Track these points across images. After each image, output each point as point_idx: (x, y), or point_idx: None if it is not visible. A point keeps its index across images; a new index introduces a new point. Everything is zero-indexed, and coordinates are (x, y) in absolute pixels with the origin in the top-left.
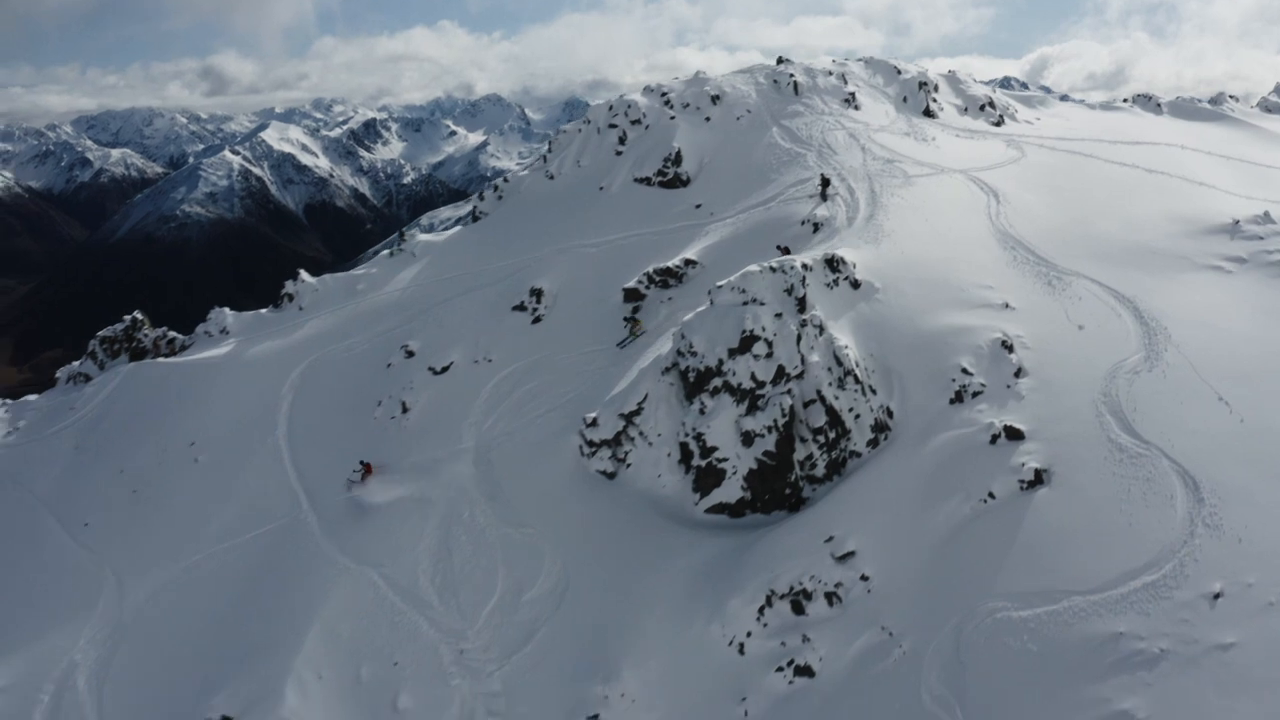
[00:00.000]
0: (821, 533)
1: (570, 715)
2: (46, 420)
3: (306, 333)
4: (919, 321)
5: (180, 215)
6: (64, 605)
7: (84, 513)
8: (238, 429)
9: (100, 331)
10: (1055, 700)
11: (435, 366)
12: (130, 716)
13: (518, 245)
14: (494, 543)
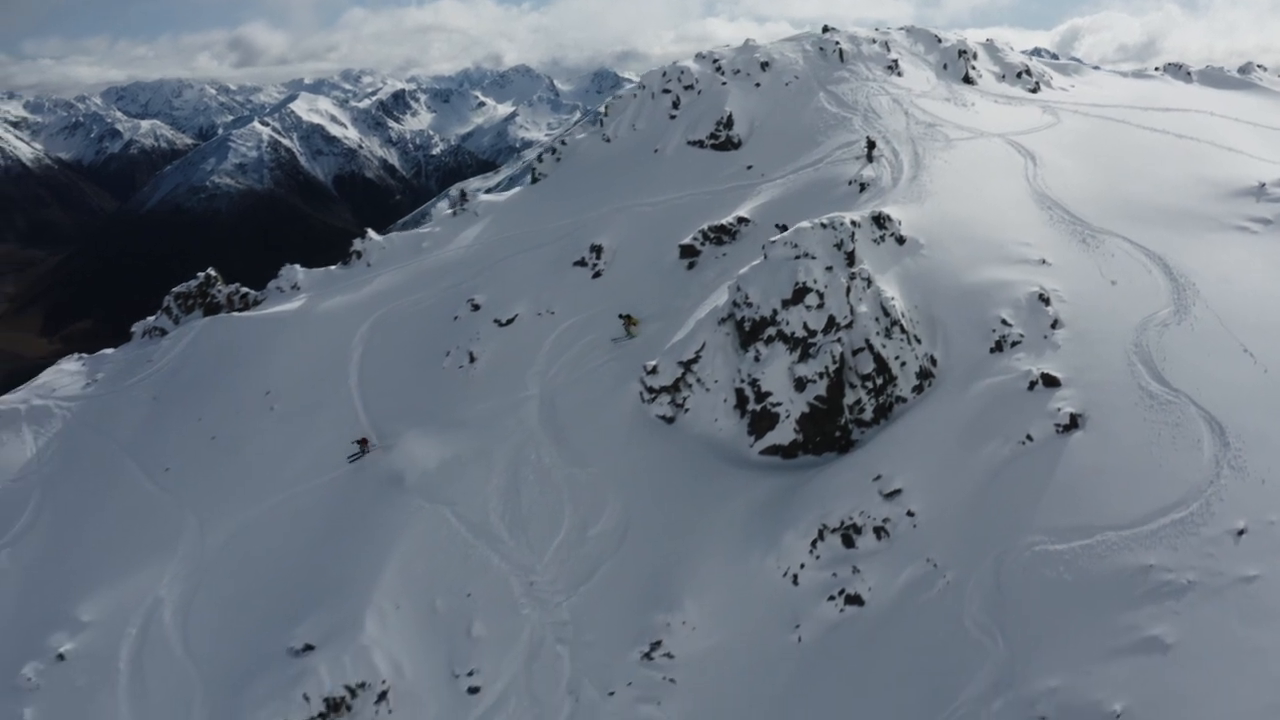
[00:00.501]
0: (870, 472)
1: (634, 642)
2: (124, 373)
3: (375, 288)
4: (961, 275)
5: (210, 186)
6: (148, 545)
7: (164, 459)
8: (311, 379)
9: (175, 288)
10: (1089, 627)
11: (500, 319)
12: (215, 648)
13: (576, 204)
14: (560, 483)
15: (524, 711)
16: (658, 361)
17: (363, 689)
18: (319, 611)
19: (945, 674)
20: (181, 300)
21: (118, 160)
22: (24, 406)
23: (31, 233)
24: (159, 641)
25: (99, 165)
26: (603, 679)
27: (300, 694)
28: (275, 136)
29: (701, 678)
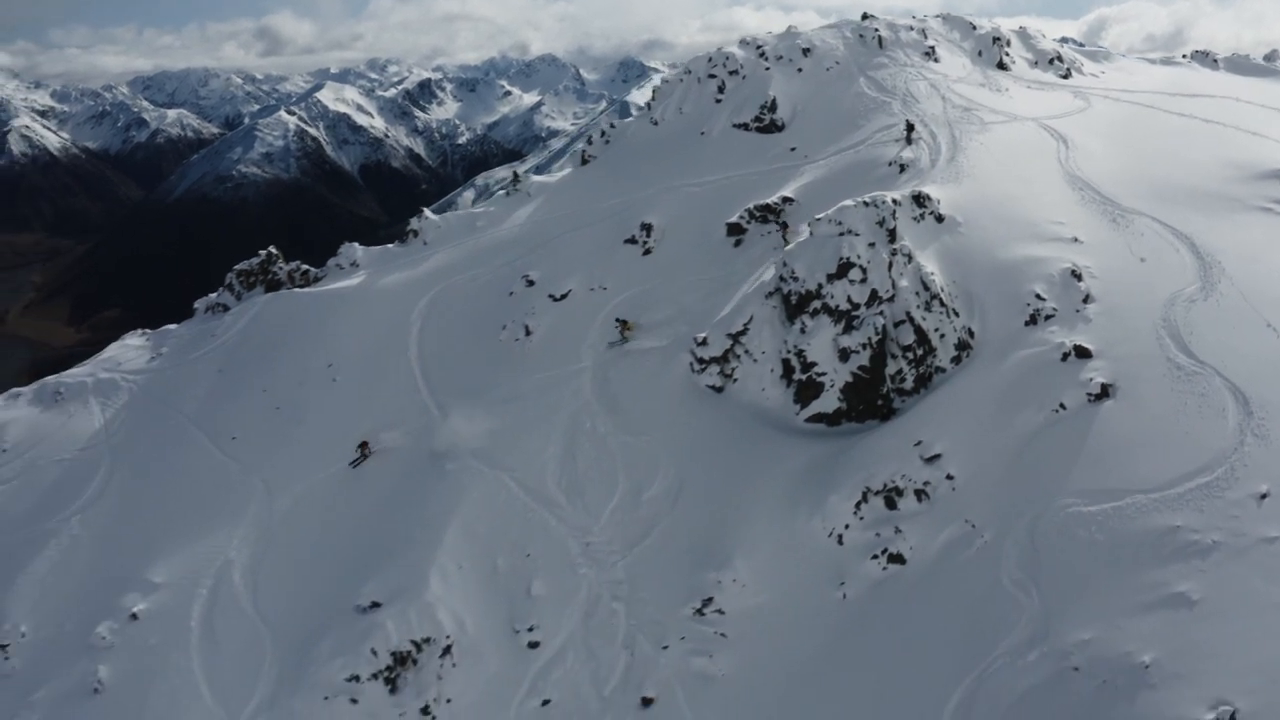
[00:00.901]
0: (911, 438)
1: (687, 599)
2: (188, 347)
3: (432, 265)
4: (997, 252)
5: (236, 175)
6: (216, 510)
7: (230, 428)
8: (371, 352)
9: (237, 265)
10: (1119, 583)
11: (554, 294)
12: (284, 606)
13: (626, 185)
14: (614, 449)
15: (582, 665)
16: (707, 334)
17: (428, 644)
18: (384, 571)
19: (983, 628)
20: (243, 277)
21: (144, 149)
22: (90, 380)
23: (59, 222)
24: (229, 601)
25: (126, 154)
26: (657, 634)
27: (368, 648)
28: (302, 126)
29: (751, 632)
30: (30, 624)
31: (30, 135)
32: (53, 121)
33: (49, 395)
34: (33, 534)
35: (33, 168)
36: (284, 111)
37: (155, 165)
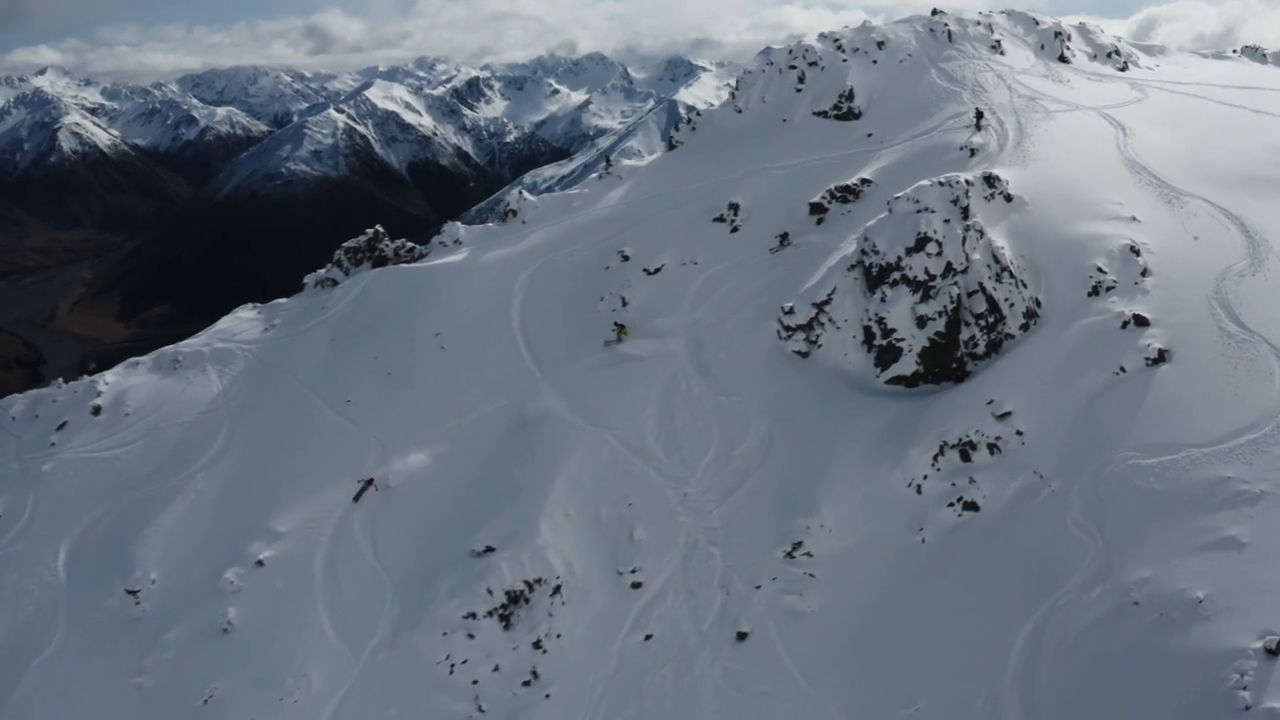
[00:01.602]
0: (983, 397)
1: (778, 543)
2: (300, 319)
3: (531, 242)
4: (1061, 229)
5: (285, 173)
6: (334, 465)
7: (344, 392)
8: (477, 322)
9: (345, 243)
10: (1175, 528)
11: (648, 268)
12: (402, 553)
13: (712, 168)
14: (708, 409)
15: (681, 604)
16: (794, 304)
17: (539, 584)
18: (497, 519)
19: (1051, 568)
20: (351, 254)
21: (193, 147)
22: (207, 349)
23: (108, 219)
24: (350, 548)
25: (175, 152)
26: (750, 575)
27: (485, 588)
28: (350, 124)
29: (838, 573)
30: (160, 572)
31: (80, 132)
32: (103, 119)
33: (167, 363)
34: (160, 490)
35: (83, 165)
36: (333, 109)
37: (204, 163)
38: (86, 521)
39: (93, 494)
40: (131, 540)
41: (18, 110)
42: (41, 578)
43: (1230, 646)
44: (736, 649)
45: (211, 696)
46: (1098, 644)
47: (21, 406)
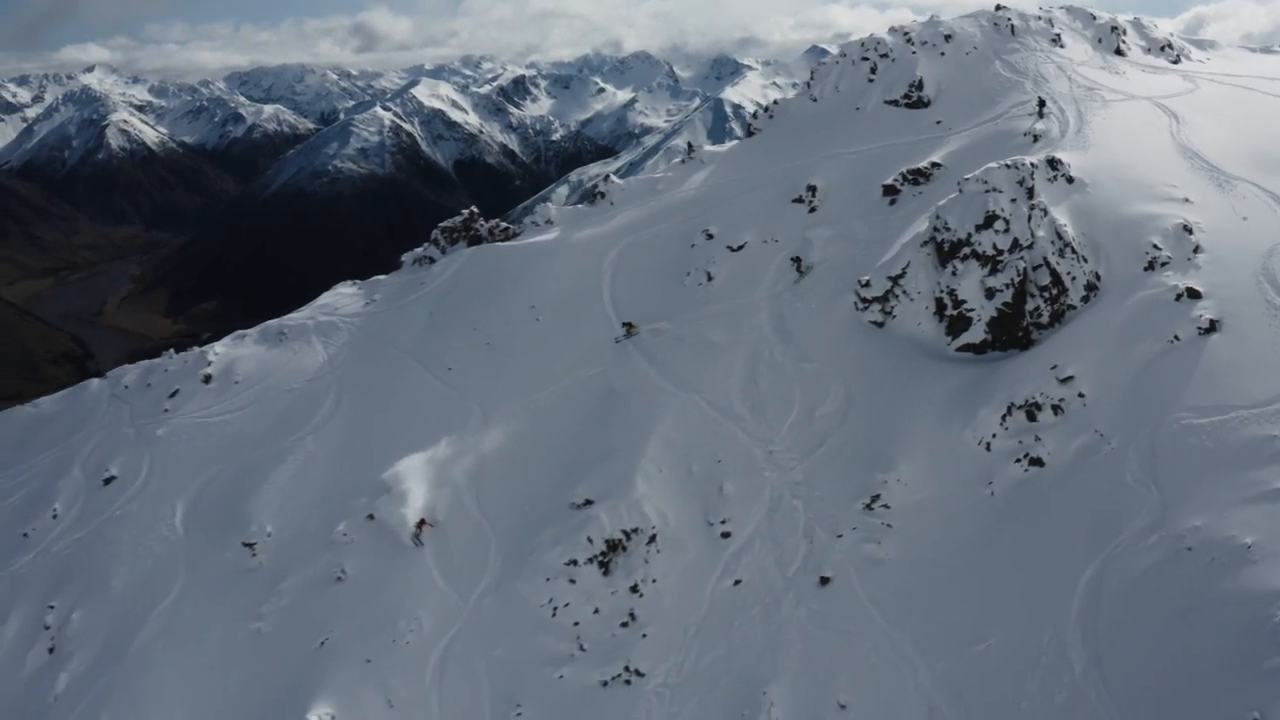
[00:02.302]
0: (1048, 362)
1: (857, 496)
2: (399, 294)
3: (618, 222)
4: (1119, 209)
5: (332, 170)
6: (437, 427)
7: (445, 361)
8: (569, 296)
9: (441, 223)
10: (1224, 481)
11: (732, 245)
12: (505, 506)
13: (790, 153)
14: (790, 375)
15: (768, 552)
16: (870, 277)
17: (636, 533)
18: (594, 474)
19: (1110, 518)
20: (447, 233)
21: (240, 144)
22: (311, 322)
23: (156, 215)
24: (456, 503)
25: (222, 149)
26: (832, 525)
27: (585, 537)
28: (397, 121)
29: (913, 523)
30: (275, 526)
31: (128, 130)
32: (150, 116)
33: (273, 335)
34: (272, 451)
35: (130, 162)
36: (379, 107)
37: (251, 160)
38: (201, 481)
39: (206, 456)
40: (246, 497)
41: (66, 107)
42: (159, 533)
43: (1276, 588)
44: (820, 592)
45: (328, 639)
46: (1153, 586)
47: (134, 376)
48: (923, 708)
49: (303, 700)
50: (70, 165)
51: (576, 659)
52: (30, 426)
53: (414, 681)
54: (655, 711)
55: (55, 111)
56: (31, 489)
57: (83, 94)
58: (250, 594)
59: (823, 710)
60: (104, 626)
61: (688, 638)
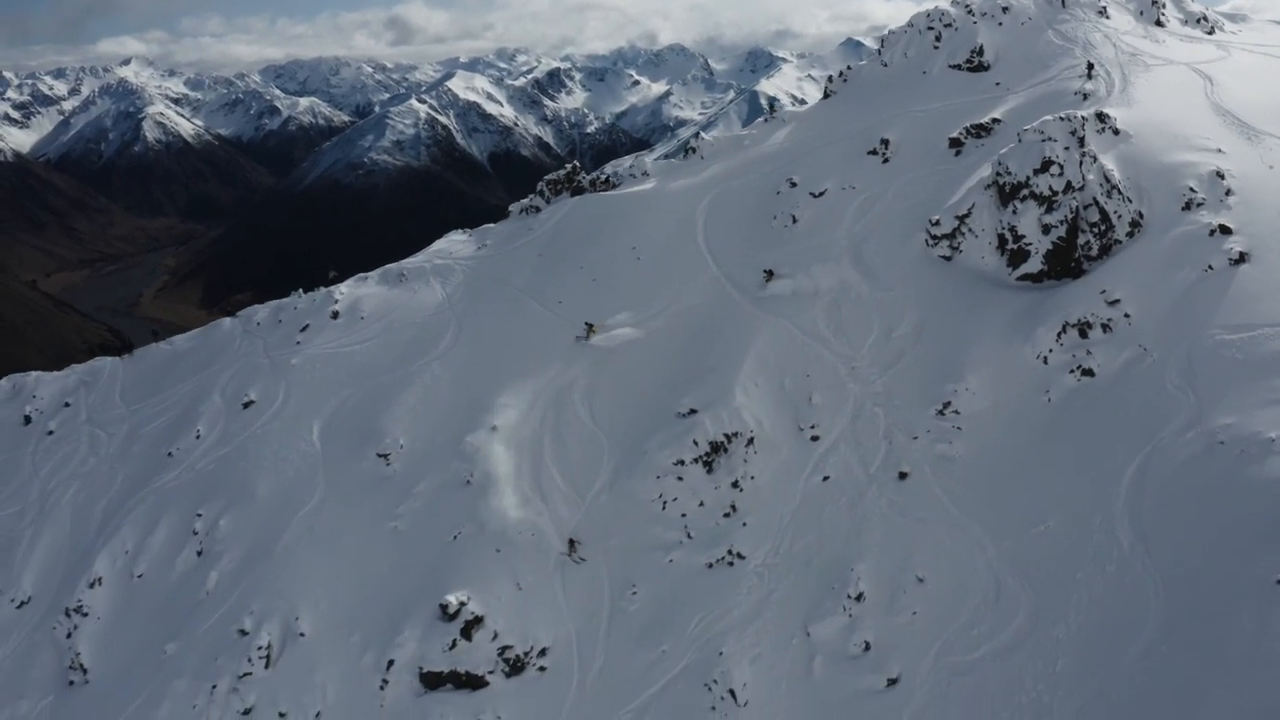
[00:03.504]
0: (1097, 288)
1: (931, 403)
2: (509, 239)
3: (708, 174)
4: (1160, 157)
5: (368, 163)
6: (551, 353)
7: (556, 296)
8: (666, 238)
9: (546, 176)
10: (1251, 387)
11: (814, 191)
12: (616, 417)
13: (863, 112)
14: (870, 303)
15: (852, 452)
16: (940, 217)
17: (736, 437)
18: (697, 388)
19: (1152, 418)
20: (552, 185)
21: (276, 137)
22: (428, 265)
23: (192, 207)
24: (571, 415)
25: (258, 142)
26: (908, 428)
27: (691, 440)
28: (432, 114)
29: (980, 426)
30: (406, 439)
31: (164, 122)
32: (186, 109)
33: (393, 277)
34: (400, 375)
35: (166, 154)
36: (415, 100)
37: (287, 152)
38: (335, 403)
39: (338, 381)
40: (379, 415)
41: (103, 100)
42: (298, 448)
43: None
44: (899, 486)
45: (460, 534)
46: (1190, 474)
47: (265, 314)
48: (990, 580)
49: (440, 586)
50: (106, 157)
51: (684, 545)
52: (168, 361)
53: (539, 568)
54: (756, 588)
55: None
56: (174, 415)
57: (119, 87)
58: (386, 498)
59: (903, 583)
60: (250, 530)
61: (783, 525)
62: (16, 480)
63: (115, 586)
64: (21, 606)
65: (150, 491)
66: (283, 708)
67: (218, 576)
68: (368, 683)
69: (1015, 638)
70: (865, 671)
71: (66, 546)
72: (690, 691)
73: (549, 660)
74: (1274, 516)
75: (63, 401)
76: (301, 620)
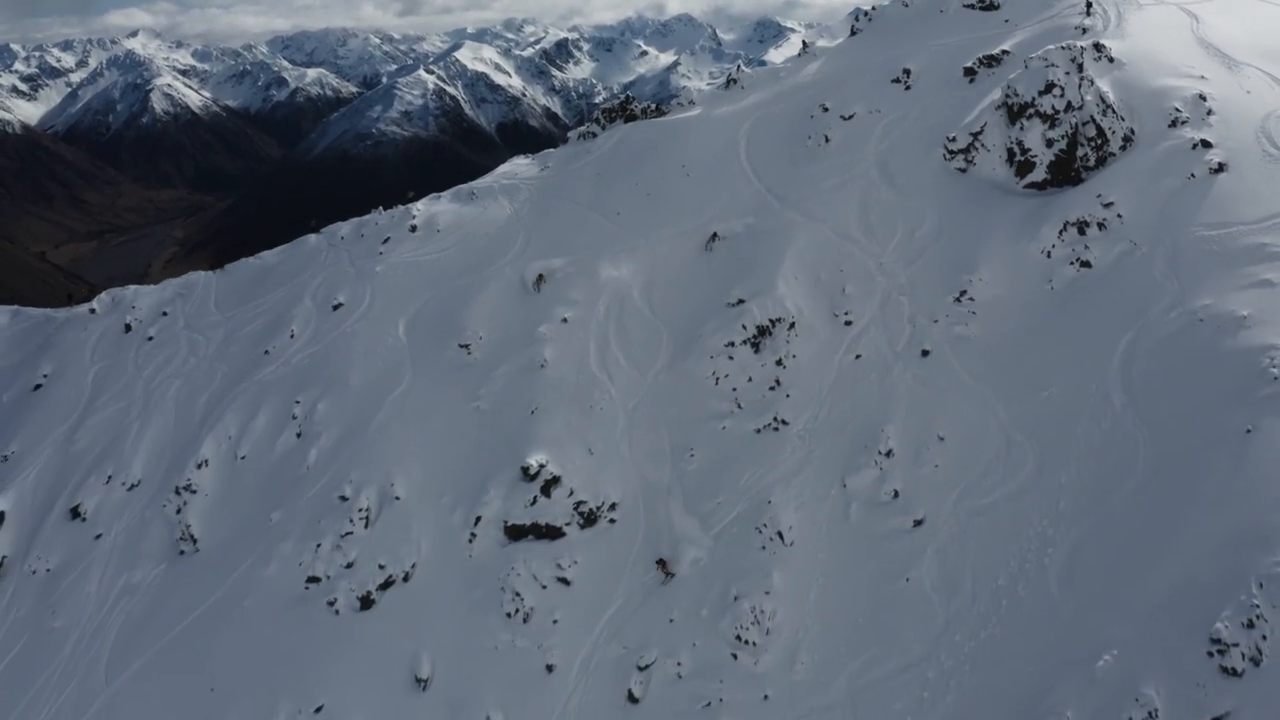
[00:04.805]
0: (1094, 193)
1: (949, 292)
2: (569, 161)
3: (748, 101)
4: (1149, 81)
5: (376, 133)
6: (612, 253)
7: (614, 208)
8: (712, 156)
9: (601, 105)
10: (1229, 274)
11: (843, 115)
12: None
13: (887, 46)
14: (894, 208)
15: (880, 334)
16: (955, 134)
17: (779, 322)
18: (744, 282)
19: (1141, 301)
20: (606, 113)
21: (284, 108)
22: (496, 185)
23: (200, 178)
24: (632, 308)
25: (265, 113)
26: (929, 313)
27: (740, 325)
28: (440, 85)
29: (992, 310)
30: (485, 331)
31: (172, 93)
32: (194, 80)
33: (464, 196)
34: (476, 279)
35: (175, 125)
36: (423, 70)
37: (294, 123)
38: (418, 303)
39: (420, 284)
40: (459, 312)
41: (110, 72)
42: (386, 343)
43: (1265, 343)
44: (922, 362)
45: (537, 409)
46: (1174, 346)
47: (348, 229)
48: (1002, 438)
49: (520, 453)
50: (115, 129)
51: (735, 414)
52: (257, 274)
53: (607, 435)
54: (798, 448)
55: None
56: (268, 318)
57: (127, 58)
58: (468, 382)
59: (926, 441)
60: (345, 413)
61: (821, 396)
62: (121, 381)
63: (220, 467)
64: (132, 489)
65: (250, 384)
66: (382, 560)
67: (317, 454)
68: (457, 537)
69: (1023, 484)
70: (895, 515)
71: (171, 435)
72: (744, 534)
73: (618, 513)
74: (1244, 379)
75: (160, 311)
76: (397, 486)
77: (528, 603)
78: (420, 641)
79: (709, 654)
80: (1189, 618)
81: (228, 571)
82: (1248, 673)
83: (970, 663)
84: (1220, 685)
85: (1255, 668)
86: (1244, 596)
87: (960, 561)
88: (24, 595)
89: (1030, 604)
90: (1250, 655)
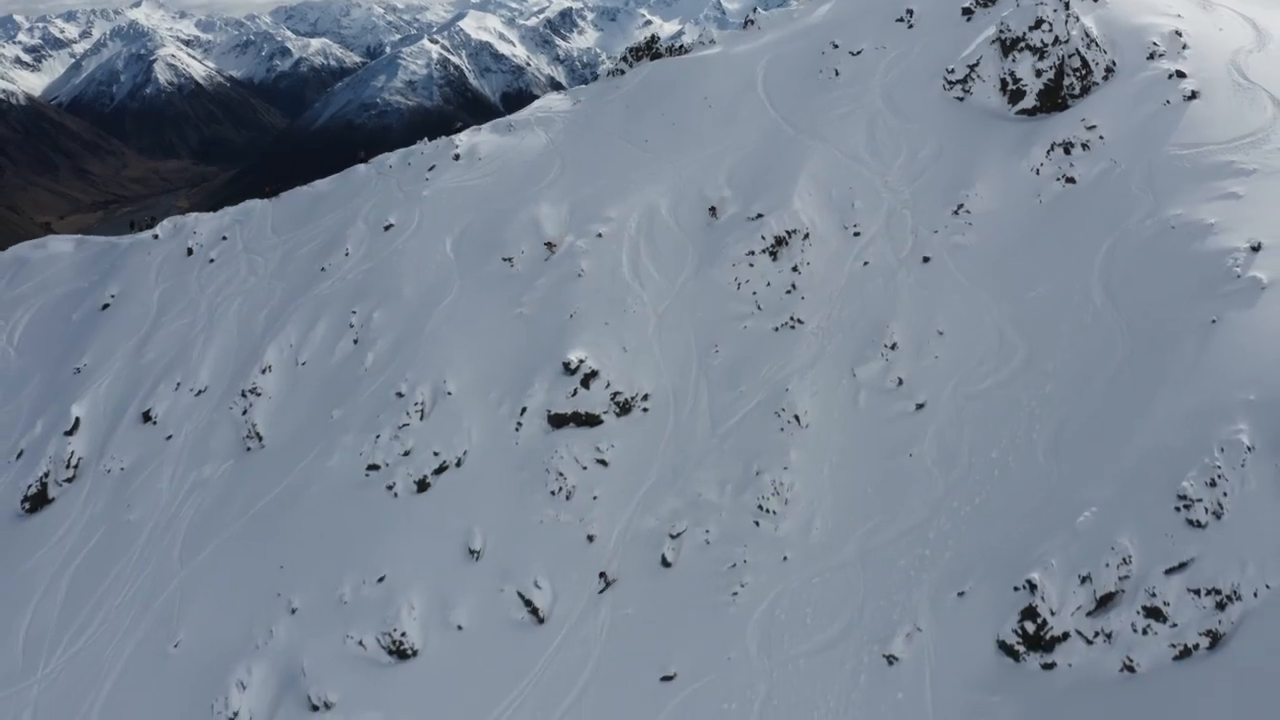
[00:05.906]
0: (1079, 117)
1: (949, 204)
2: (599, 95)
3: (765, 40)
4: (1131, 20)
5: (380, 103)
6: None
7: (642, 136)
8: (731, 90)
9: (627, 46)
10: (1198, 188)
11: (852, 50)
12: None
13: None
14: (899, 133)
15: (886, 243)
16: (954, 66)
17: (794, 233)
18: (762, 198)
19: (1119, 212)
20: (633, 53)
21: (288, 78)
22: (532, 118)
23: (204, 149)
24: (660, 223)
25: (269, 83)
26: (930, 224)
27: (759, 236)
28: (444, 54)
29: (986, 221)
30: (525, 246)
31: (176, 64)
32: (198, 51)
33: (503, 128)
34: (517, 200)
35: (179, 96)
36: (427, 40)
37: (299, 94)
38: (464, 223)
39: (465, 206)
40: (501, 230)
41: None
42: (434, 259)
43: (1229, 246)
44: (923, 267)
45: (575, 313)
46: (1149, 250)
47: (395, 159)
48: (995, 332)
49: (560, 350)
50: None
51: (755, 315)
52: (310, 201)
53: (640, 335)
54: (812, 344)
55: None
56: (323, 239)
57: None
58: (512, 291)
59: (927, 336)
60: (399, 321)
61: (834, 296)
62: (185, 299)
63: (283, 372)
64: (199, 395)
65: (308, 298)
66: (436, 448)
67: (374, 357)
68: (505, 426)
69: (1013, 372)
70: (899, 399)
71: (235, 346)
72: (764, 418)
73: (651, 403)
74: (1210, 278)
75: (220, 236)
76: (448, 382)
77: (570, 482)
78: (472, 518)
79: (734, 523)
80: (1159, 479)
81: (293, 464)
82: (1210, 524)
83: (966, 524)
84: (1186, 535)
85: (1217, 520)
86: (1207, 459)
87: (957, 439)
88: (100, 492)
89: (1020, 473)
90: (1213, 510)
